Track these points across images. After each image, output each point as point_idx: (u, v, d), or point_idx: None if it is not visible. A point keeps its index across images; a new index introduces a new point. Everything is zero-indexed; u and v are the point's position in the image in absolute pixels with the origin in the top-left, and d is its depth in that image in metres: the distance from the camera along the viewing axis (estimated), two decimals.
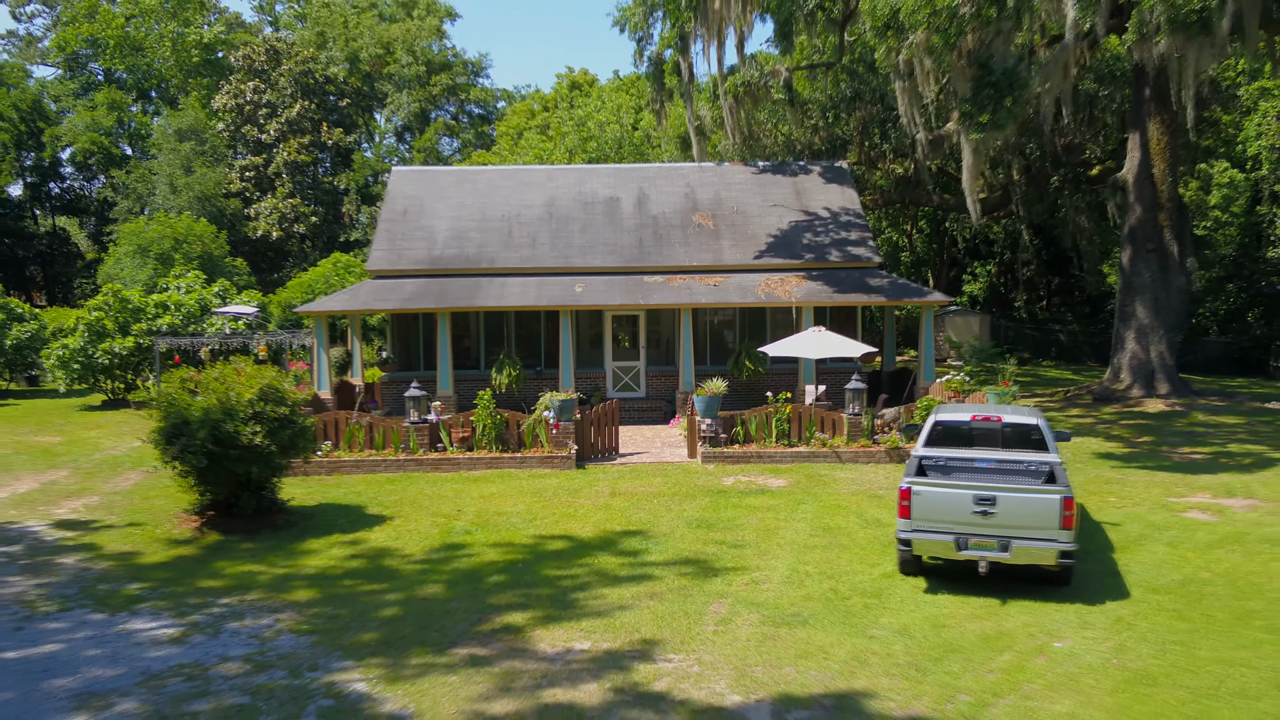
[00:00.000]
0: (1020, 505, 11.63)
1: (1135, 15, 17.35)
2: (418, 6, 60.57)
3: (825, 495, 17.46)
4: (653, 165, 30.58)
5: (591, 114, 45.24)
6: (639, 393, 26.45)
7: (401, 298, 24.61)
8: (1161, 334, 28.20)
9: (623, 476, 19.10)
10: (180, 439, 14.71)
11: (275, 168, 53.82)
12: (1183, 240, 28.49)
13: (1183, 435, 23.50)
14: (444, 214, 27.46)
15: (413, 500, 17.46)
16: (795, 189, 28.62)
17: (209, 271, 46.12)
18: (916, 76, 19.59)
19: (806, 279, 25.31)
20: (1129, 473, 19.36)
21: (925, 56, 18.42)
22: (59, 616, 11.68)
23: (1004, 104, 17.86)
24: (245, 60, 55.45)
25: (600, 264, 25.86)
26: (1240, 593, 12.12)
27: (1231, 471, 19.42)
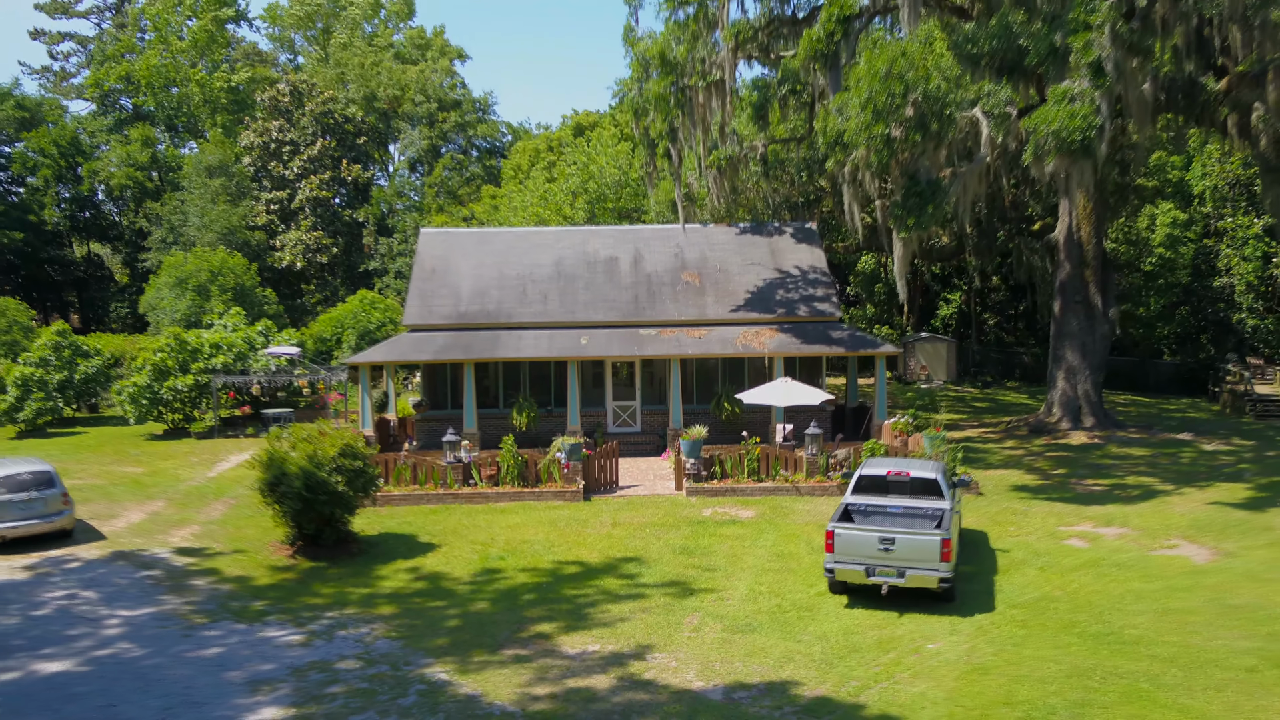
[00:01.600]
0: (911, 544, 16.02)
1: (1032, 140, 21.73)
2: (431, 49, 64.89)
3: (784, 525, 21.84)
4: (647, 227, 34.99)
5: (593, 157, 49.57)
6: (635, 428, 30.83)
7: (433, 349, 28.97)
8: (1087, 374, 32.62)
9: (622, 508, 23.47)
10: (280, 487, 19.05)
11: (298, 202, 58.11)
12: (1106, 293, 32.90)
13: (1092, 468, 27.92)
14: (467, 273, 31.83)
15: (454, 530, 21.82)
16: (770, 248, 33.03)
17: (242, 301, 50.52)
18: (861, 181, 23.95)
19: (778, 331, 29.69)
20: (1035, 504, 23.75)
21: (865, 169, 22.80)
22: (211, 627, 16.04)
23: (927, 210, 22.21)
24: (270, 101, 59.71)
25: (602, 318, 30.24)
26: (1075, 607, 16.51)
27: (1118, 503, 23.83)
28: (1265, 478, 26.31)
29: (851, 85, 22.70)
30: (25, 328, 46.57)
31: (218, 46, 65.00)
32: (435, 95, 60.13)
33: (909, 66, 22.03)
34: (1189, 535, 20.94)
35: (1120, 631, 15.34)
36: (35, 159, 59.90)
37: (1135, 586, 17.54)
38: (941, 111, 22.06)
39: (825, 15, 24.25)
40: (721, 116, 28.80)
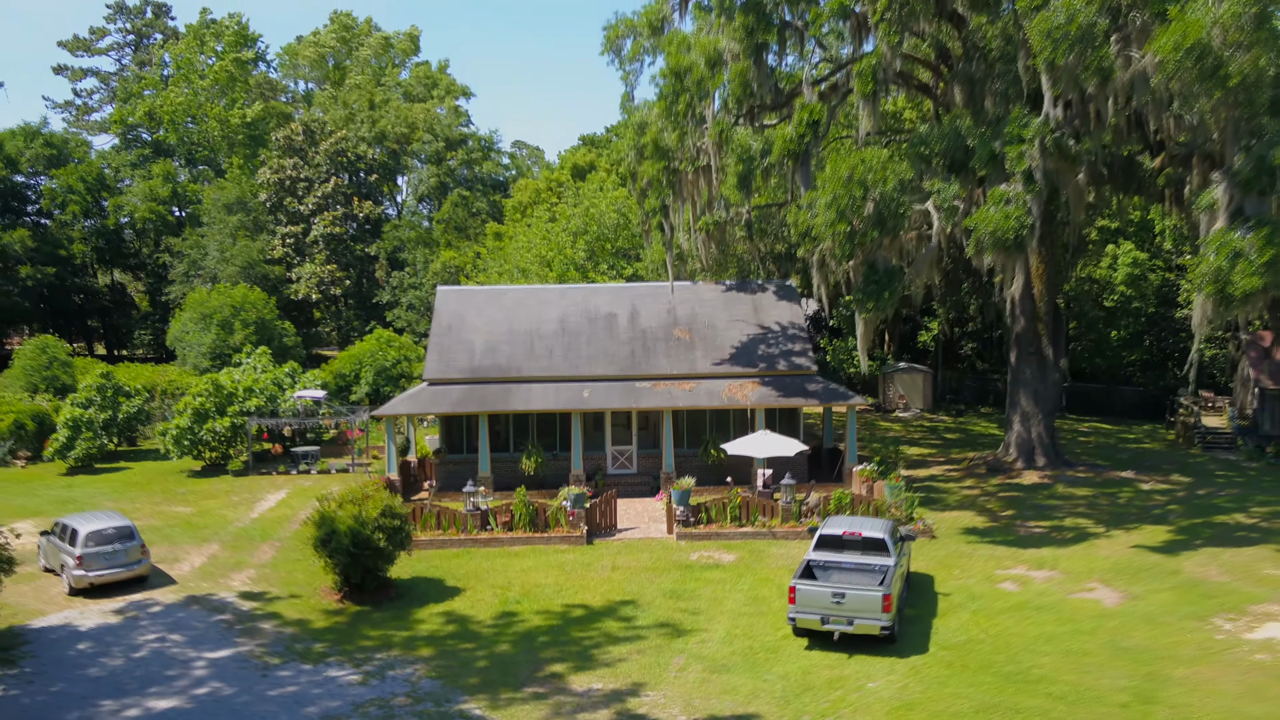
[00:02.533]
0: (858, 598, 19.51)
1: (973, 237, 25.23)
2: (438, 87, 68.29)
3: (760, 569, 25.33)
4: (643, 285, 38.48)
5: (594, 201, 53.03)
6: (632, 470, 34.32)
7: (451, 402, 32.45)
8: (1040, 418, 36.16)
9: (620, 552, 26.95)
10: (331, 543, 22.52)
11: (313, 236, 61.53)
12: (1057, 344, 36.43)
13: (1037, 509, 31.44)
14: (480, 328, 35.29)
15: (475, 573, 25.29)
16: (754, 305, 36.54)
17: (262, 333, 54.03)
18: (828, 265, 27.46)
19: (760, 384, 33.18)
20: (979, 547, 27.26)
21: (832, 258, 26.31)
22: (283, 668, 19.51)
23: (884, 295, 25.73)
24: (285, 139, 63.10)
25: (601, 372, 33.72)
26: (995, 649, 20.02)
27: (1053, 546, 27.34)
28: (1187, 520, 29.84)
29: (819, 185, 26.20)
30: (64, 363, 49.99)
31: (238, 85, 68.31)
32: (443, 134, 63.55)
33: (868, 170, 25.52)
34: (1106, 579, 24.46)
35: (1027, 671, 18.85)
36: (64, 195, 63.24)
37: (1049, 629, 21.05)
38: (896, 210, 25.57)
39: (796, 119, 27.75)
40: (709, 193, 32.26)
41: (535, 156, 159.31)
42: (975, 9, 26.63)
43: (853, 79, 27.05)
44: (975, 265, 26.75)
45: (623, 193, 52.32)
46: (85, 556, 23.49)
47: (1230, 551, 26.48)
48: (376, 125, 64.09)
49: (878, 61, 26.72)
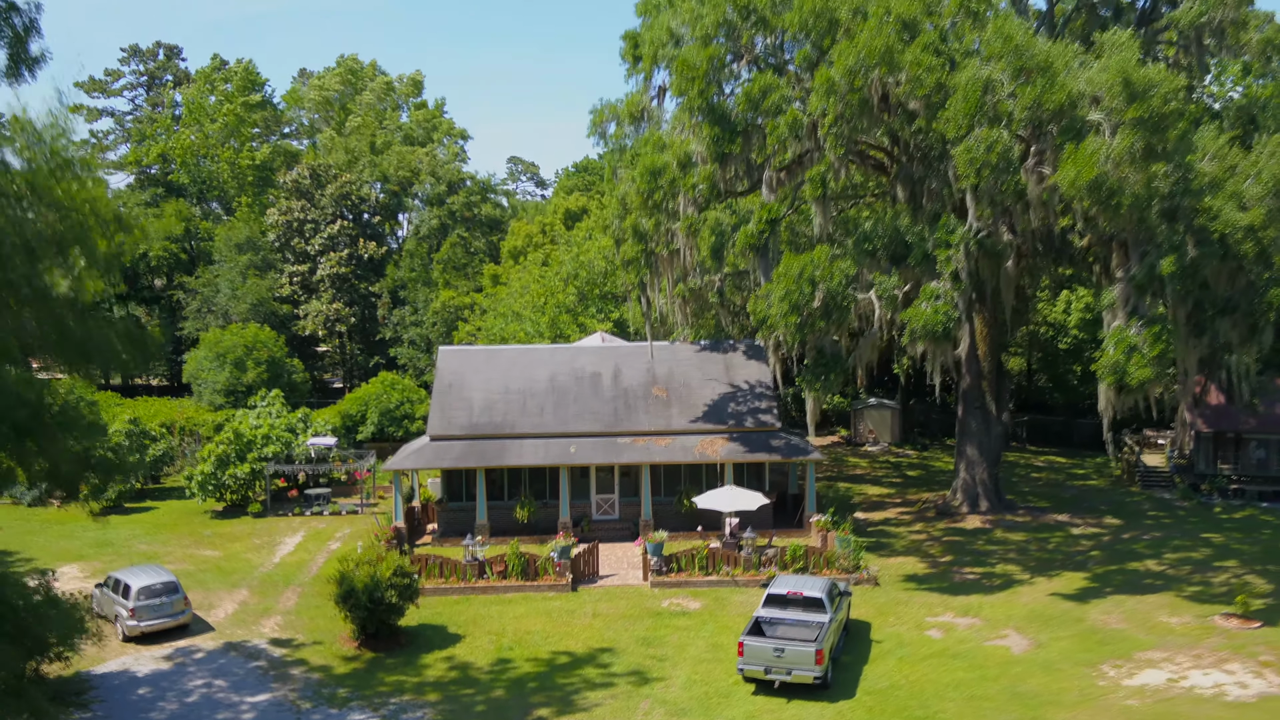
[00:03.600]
0: (795, 652, 23.32)
1: (907, 329, 29.05)
2: (438, 130, 72.06)
3: (722, 616, 29.11)
4: (625, 345, 42.27)
5: (584, 248, 56.81)
6: (614, 516, 38.11)
7: (452, 457, 36.23)
8: (984, 466, 40.03)
9: (600, 599, 30.73)
10: (350, 600, 26.28)
11: (320, 276, 65.26)
12: (1000, 399, 40.30)
13: (974, 555, 35.29)
14: (478, 386, 39.05)
15: (473, 620, 29.04)
16: (725, 364, 40.34)
17: (273, 371, 57.73)
18: (782, 346, 31.25)
19: (729, 440, 36.99)
20: (915, 594, 31.07)
21: (784, 343, 30.10)
22: (314, 712, 23.28)
23: (830, 376, 29.56)
24: (294, 183, 66.81)
25: (587, 428, 37.49)
26: (911, 694, 23.82)
27: (981, 593, 31.15)
28: (1104, 567, 33.71)
29: (775, 279, 30.02)
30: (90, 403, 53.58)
31: (246, 127, 71.99)
32: (444, 177, 67.27)
33: (816, 268, 29.33)
34: (1020, 627, 28.28)
35: (934, 716, 22.66)
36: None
37: (959, 676, 24.86)
38: (842, 302, 29.39)
39: (757, 216, 31.59)
40: (683, 268, 36.04)
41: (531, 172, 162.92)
42: (910, 124, 30.40)
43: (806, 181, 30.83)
44: (909, 354, 30.67)
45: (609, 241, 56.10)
46: (137, 609, 27.23)
47: (1134, 599, 30.32)
48: (379, 169, 67.81)
49: (826, 169, 30.54)
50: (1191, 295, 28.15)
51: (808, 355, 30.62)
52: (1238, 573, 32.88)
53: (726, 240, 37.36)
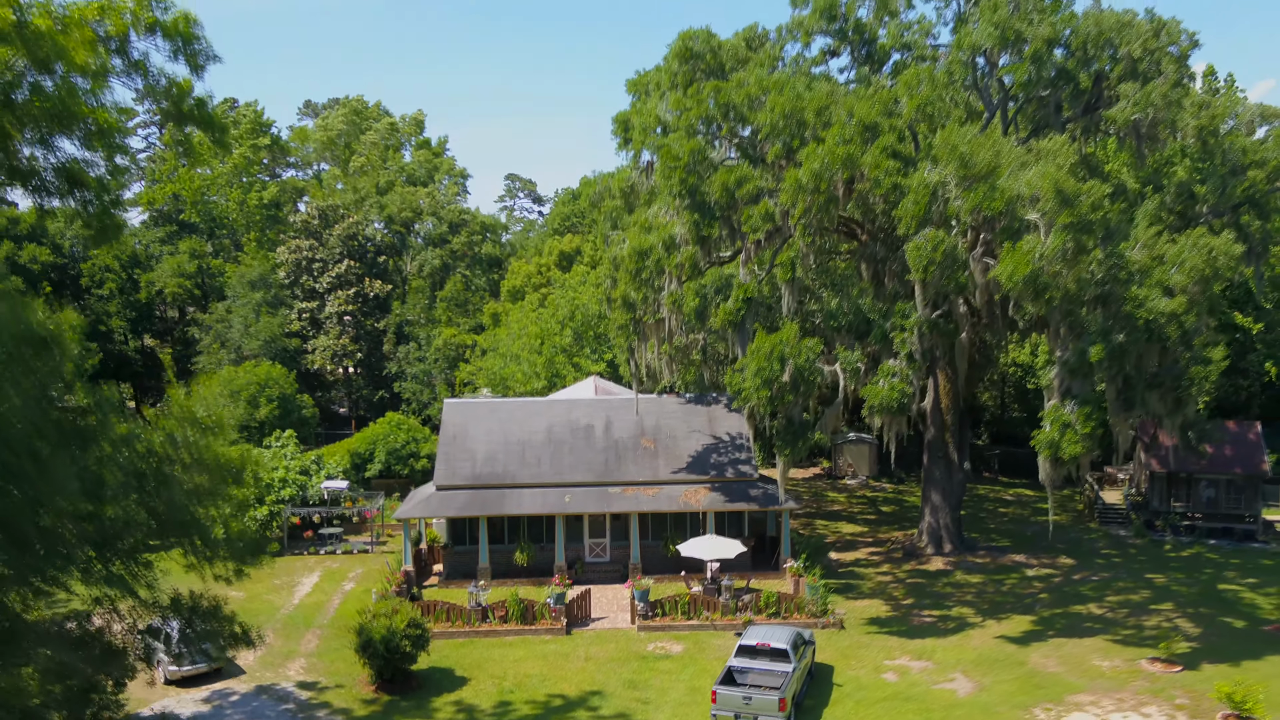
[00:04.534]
0: (761, 700, 26.65)
1: (867, 402, 32.40)
2: (439, 171, 75.38)
3: (702, 660, 32.43)
4: (616, 398, 45.57)
5: (579, 292, 60.13)
6: (606, 559, 41.43)
7: (457, 506, 39.55)
8: (947, 511, 43.42)
9: (592, 642, 34.03)
10: (369, 649, 29.58)
11: (328, 313, 68.58)
12: (961, 449, 43.68)
13: (934, 597, 38.62)
14: (480, 438, 42.36)
15: (478, 663, 32.34)
16: (709, 416, 43.70)
17: (284, 407, 60.98)
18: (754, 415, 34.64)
19: (710, 490, 40.33)
20: (877, 638, 34.39)
21: (758, 412, 33.49)
22: None
23: (799, 443, 32.93)
24: (303, 223, 70.12)
25: (581, 478, 40.82)
26: None
27: (936, 636, 34.48)
28: (1049, 610, 37.07)
29: (749, 355, 33.39)
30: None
31: (254, 167, 75.33)
32: (446, 218, 70.63)
33: (785, 346, 32.69)
34: (967, 670, 31.62)
35: None
36: (101, 273, 70.17)
37: (909, 719, 28.21)
38: (809, 377, 32.75)
39: (734, 295, 34.95)
40: (668, 331, 39.36)
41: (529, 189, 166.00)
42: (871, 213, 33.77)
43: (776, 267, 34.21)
44: (868, 423, 34.07)
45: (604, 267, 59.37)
46: (179, 654, 30.48)
47: (1072, 643, 33.69)
48: (385, 210, 71.17)
49: (796, 255, 33.90)
50: (1120, 374, 31.51)
51: (778, 423, 33.98)
52: (1170, 616, 36.26)
53: (710, 302, 40.70)
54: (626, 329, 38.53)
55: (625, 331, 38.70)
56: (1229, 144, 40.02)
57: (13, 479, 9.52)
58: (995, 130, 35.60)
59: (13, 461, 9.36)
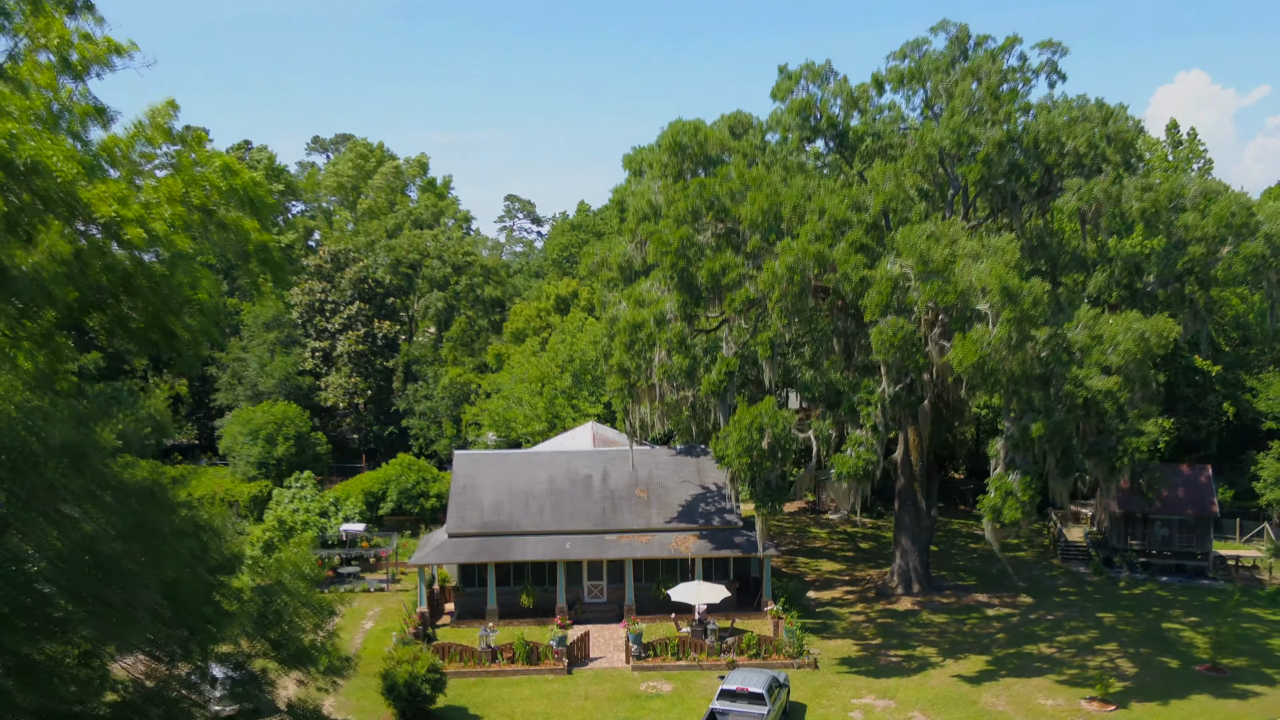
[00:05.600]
0: None
1: (835, 471, 36.32)
2: (445, 214, 79.36)
3: (689, 699, 36.26)
4: (613, 449, 49.47)
5: (577, 337, 64.03)
6: (603, 600, 45.30)
7: (466, 553, 43.41)
8: (916, 554, 47.33)
9: (590, 682, 37.88)
10: (394, 692, 33.42)
11: (339, 352, 72.45)
12: (930, 497, 47.61)
13: (901, 636, 42.50)
14: (488, 488, 46.23)
15: (488, 701, 36.16)
16: (697, 468, 47.61)
17: (300, 446, 64.82)
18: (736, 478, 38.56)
19: (698, 537, 44.23)
20: (847, 677, 38.25)
21: (740, 476, 37.42)
22: None
23: (774, 503, 36.85)
24: (316, 266, 73.98)
25: (580, 526, 44.70)
26: None
27: (900, 675, 38.34)
28: (1004, 650, 40.96)
29: (731, 425, 37.30)
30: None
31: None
32: (450, 260, 74.59)
33: (764, 417, 36.60)
34: (925, 708, 35.49)
35: None
36: None
37: None
38: (785, 445, 36.67)
39: (718, 368, 38.87)
40: (659, 394, 43.26)
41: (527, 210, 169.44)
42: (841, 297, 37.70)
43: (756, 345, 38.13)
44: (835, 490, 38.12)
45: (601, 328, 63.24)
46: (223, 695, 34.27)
47: (1021, 682, 37.57)
48: (393, 253, 75.11)
49: (775, 334, 37.84)
50: (1060, 445, 35.44)
51: (758, 486, 37.91)
52: (1113, 656, 40.19)
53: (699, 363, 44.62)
54: (622, 392, 42.38)
55: (621, 394, 42.54)
56: (1171, 221, 43.94)
57: (185, 627, 13.28)
58: (954, 221, 39.56)
59: (188, 619, 13.12)
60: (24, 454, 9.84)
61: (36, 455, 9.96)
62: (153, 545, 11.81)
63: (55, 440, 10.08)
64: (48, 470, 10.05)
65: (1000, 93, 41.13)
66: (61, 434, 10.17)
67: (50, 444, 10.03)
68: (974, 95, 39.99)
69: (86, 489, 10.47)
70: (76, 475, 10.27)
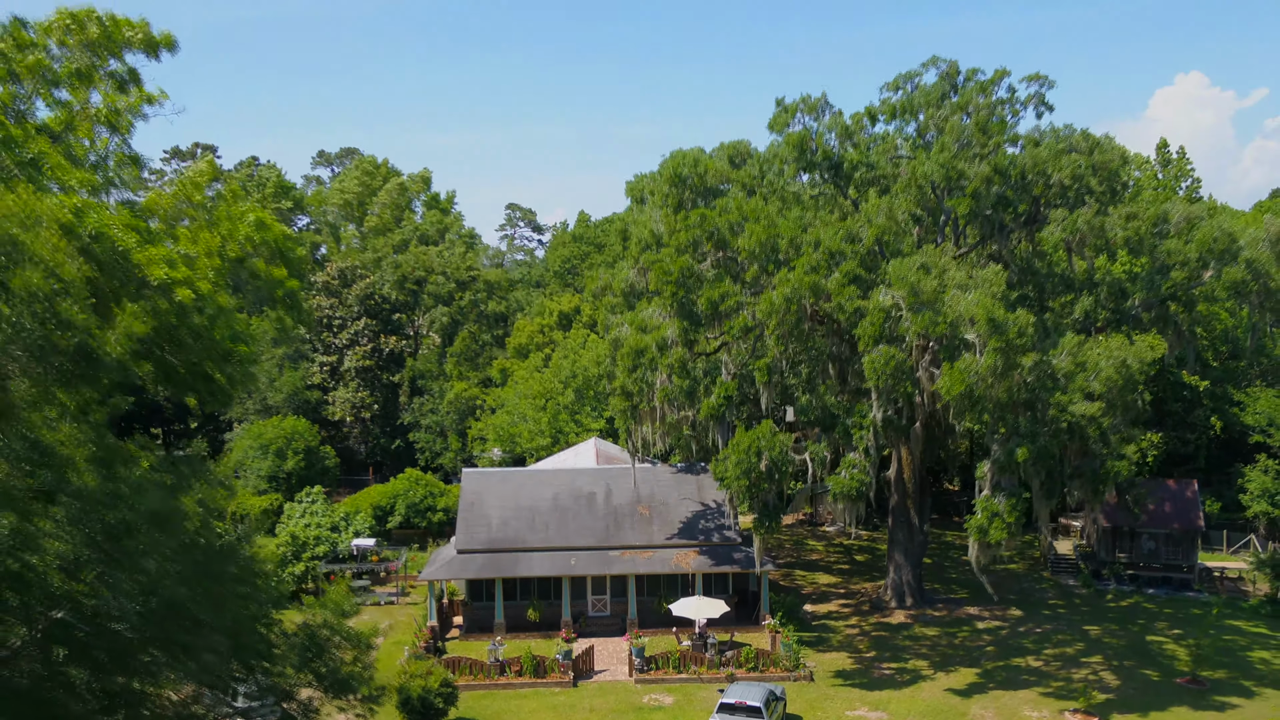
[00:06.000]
0: None
1: (830, 490, 37.92)
2: (450, 230, 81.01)
3: (690, 711, 37.82)
4: (615, 467, 51.06)
5: (580, 354, 65.64)
6: (606, 613, 46.88)
7: (475, 569, 44.99)
8: (909, 569, 48.93)
9: (595, 694, 39.43)
10: (408, 705, 34.99)
11: (346, 367, 74.05)
12: (922, 514, 49.21)
13: (894, 649, 44.08)
14: (495, 505, 47.81)
15: (497, 714, 37.71)
16: (698, 485, 49.20)
17: (309, 460, 66.37)
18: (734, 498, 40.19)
19: (699, 553, 45.81)
20: (841, 690, 39.81)
21: (738, 496, 39.05)
22: None
23: (771, 523, 38.46)
24: (324, 283, 75.58)
25: (584, 542, 46.27)
26: None
27: (892, 688, 39.90)
28: (993, 662, 42.54)
29: (730, 447, 38.91)
30: None
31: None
32: (454, 276, 76.25)
33: (762, 440, 38.22)
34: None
35: None
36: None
37: None
38: (782, 467, 38.29)
39: (717, 393, 40.49)
40: (660, 415, 44.85)
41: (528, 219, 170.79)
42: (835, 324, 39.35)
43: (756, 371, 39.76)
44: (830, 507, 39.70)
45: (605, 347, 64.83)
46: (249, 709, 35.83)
47: (1008, 695, 39.15)
48: (399, 270, 76.74)
49: (771, 361, 39.46)
50: (1045, 468, 37.07)
51: (755, 506, 39.54)
52: (1098, 668, 41.78)
53: (699, 383, 46.25)
54: (625, 413, 43.99)
55: (624, 415, 44.14)
56: (1155, 246, 45.53)
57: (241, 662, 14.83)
58: (945, 248, 41.22)
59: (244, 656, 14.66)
60: (121, 522, 11.43)
61: (131, 523, 11.54)
62: (219, 593, 13.38)
63: (145, 509, 11.67)
64: (139, 535, 11.63)
65: (989, 126, 42.76)
66: (151, 504, 11.75)
67: (142, 512, 11.61)
68: (963, 130, 41.61)
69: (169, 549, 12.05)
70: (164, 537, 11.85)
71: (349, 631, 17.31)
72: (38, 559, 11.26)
